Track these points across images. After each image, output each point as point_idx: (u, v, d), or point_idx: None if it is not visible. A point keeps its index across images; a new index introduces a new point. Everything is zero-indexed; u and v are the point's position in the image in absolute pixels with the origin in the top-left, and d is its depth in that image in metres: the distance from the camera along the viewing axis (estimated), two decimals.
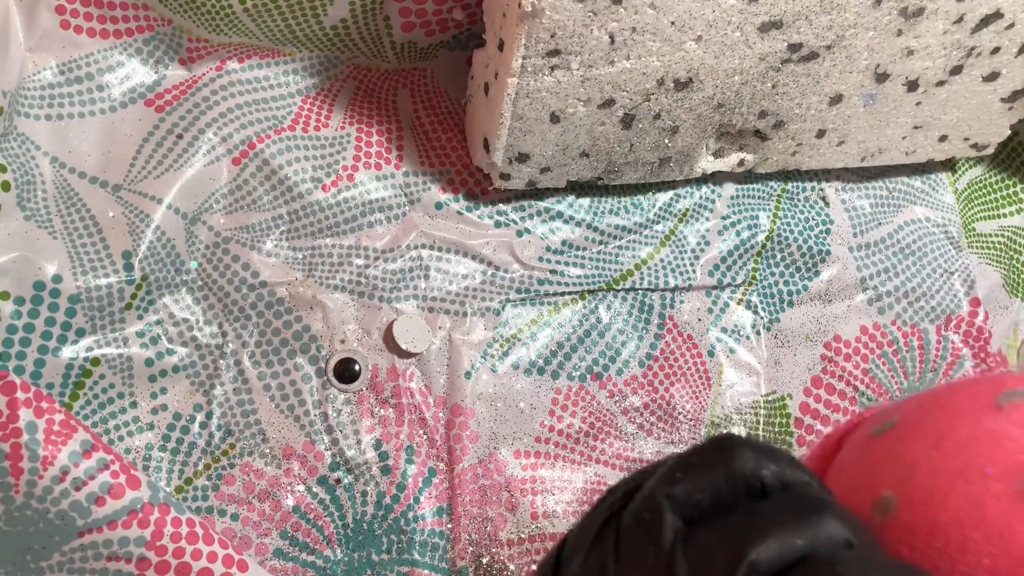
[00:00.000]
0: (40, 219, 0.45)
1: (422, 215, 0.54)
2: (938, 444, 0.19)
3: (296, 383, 0.49)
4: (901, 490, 0.20)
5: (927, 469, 0.19)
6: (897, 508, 0.19)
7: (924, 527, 0.18)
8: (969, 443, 0.19)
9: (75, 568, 0.35)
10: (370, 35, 0.53)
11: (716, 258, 0.59)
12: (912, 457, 0.20)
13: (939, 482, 0.19)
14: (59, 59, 0.48)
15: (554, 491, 0.51)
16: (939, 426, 0.20)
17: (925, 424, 0.21)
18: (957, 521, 0.18)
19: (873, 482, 0.21)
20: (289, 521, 0.46)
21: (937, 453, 0.19)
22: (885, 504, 0.20)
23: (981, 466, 0.19)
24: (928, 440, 0.20)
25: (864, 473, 0.21)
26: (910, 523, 0.19)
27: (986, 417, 0.20)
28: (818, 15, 0.45)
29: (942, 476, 0.19)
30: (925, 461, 0.19)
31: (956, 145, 0.60)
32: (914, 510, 0.19)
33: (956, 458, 0.19)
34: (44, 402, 0.35)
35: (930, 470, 0.19)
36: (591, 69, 0.44)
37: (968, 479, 0.18)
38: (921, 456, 0.20)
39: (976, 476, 0.18)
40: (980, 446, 0.19)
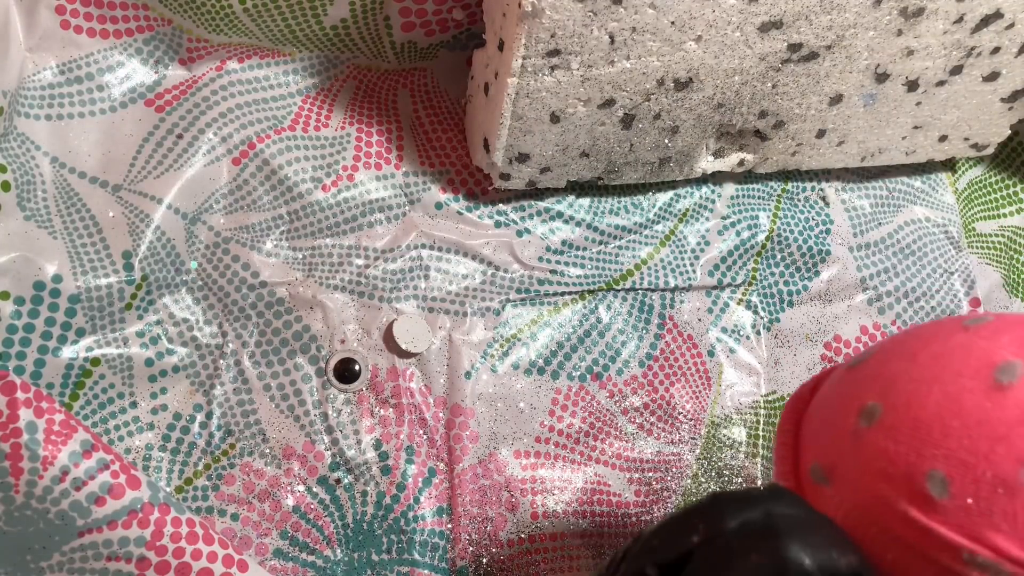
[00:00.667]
0: (40, 219, 0.45)
1: (422, 215, 0.54)
2: (914, 358, 0.22)
3: (296, 383, 0.49)
4: (884, 398, 0.21)
5: (906, 378, 0.21)
6: (882, 413, 0.21)
7: (907, 424, 0.20)
8: (942, 355, 0.21)
9: (75, 568, 0.35)
10: (370, 35, 0.53)
11: (716, 258, 0.59)
12: (891, 372, 0.22)
13: (918, 387, 0.21)
14: (59, 59, 0.48)
15: (554, 491, 0.51)
16: (913, 347, 0.22)
17: (899, 349, 0.23)
18: (938, 415, 0.20)
19: (857, 397, 0.22)
20: (289, 521, 0.46)
21: (914, 365, 0.21)
22: (870, 411, 0.21)
23: (955, 370, 0.21)
24: (905, 357, 0.22)
25: (847, 394, 0.23)
26: (894, 423, 0.21)
27: (955, 336, 0.22)
28: (818, 15, 0.45)
29: (921, 382, 0.21)
30: (904, 373, 0.22)
31: (956, 145, 0.60)
32: (897, 412, 0.21)
33: (932, 367, 0.21)
34: (44, 402, 0.35)
35: (909, 379, 0.21)
36: (591, 69, 0.44)
37: (944, 381, 0.20)
38: (900, 370, 0.22)
39: (951, 377, 0.20)
40: (953, 355, 0.21)
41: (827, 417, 0.23)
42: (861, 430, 0.21)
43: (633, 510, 0.52)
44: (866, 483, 0.20)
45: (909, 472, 0.19)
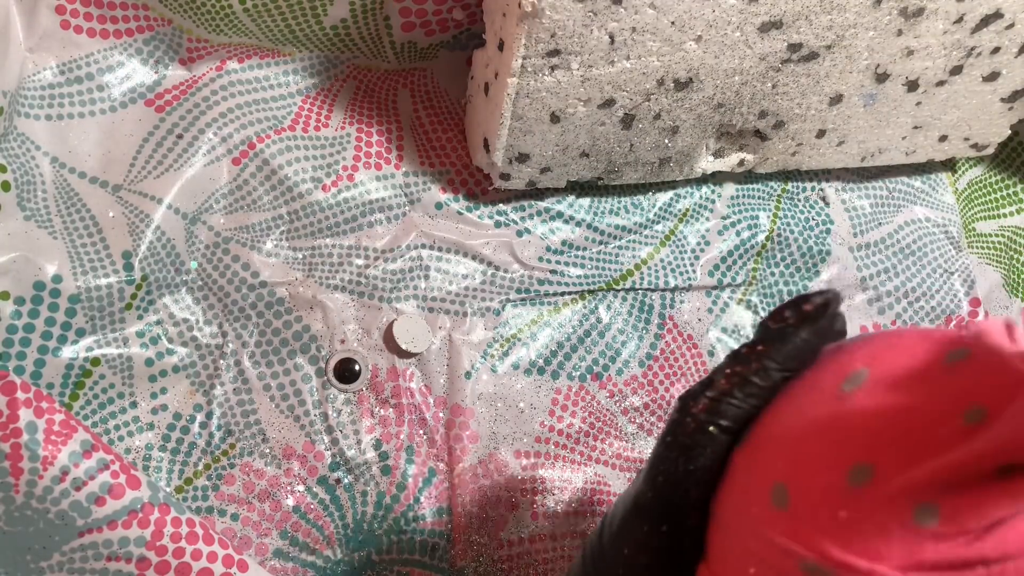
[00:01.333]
0: (40, 219, 0.45)
1: (422, 215, 0.54)
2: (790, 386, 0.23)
3: (296, 383, 0.49)
4: (755, 422, 0.23)
5: (774, 401, 0.23)
6: (749, 434, 0.22)
7: (763, 441, 0.21)
8: (809, 375, 0.22)
9: (75, 568, 0.35)
10: (370, 35, 0.53)
11: (716, 258, 0.59)
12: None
13: (778, 404, 0.22)
14: (59, 59, 0.48)
15: (554, 491, 0.51)
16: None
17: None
18: (788, 428, 0.20)
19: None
20: (289, 521, 0.46)
21: (787, 389, 0.22)
22: (744, 436, 0.23)
23: (810, 384, 0.22)
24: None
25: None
26: (755, 443, 0.22)
27: (827, 352, 0.23)
28: (818, 15, 0.45)
29: (781, 399, 0.22)
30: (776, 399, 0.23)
31: (956, 145, 0.60)
32: (759, 430, 0.22)
33: (795, 386, 0.22)
34: (44, 402, 0.35)
35: (776, 400, 0.23)
36: (591, 69, 0.44)
37: (799, 396, 0.21)
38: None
39: (805, 391, 0.22)
40: (814, 372, 0.22)
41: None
42: (733, 452, 0.22)
43: None
44: (733, 500, 0.21)
45: (760, 485, 0.20)
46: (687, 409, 0.23)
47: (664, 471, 0.23)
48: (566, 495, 0.51)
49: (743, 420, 0.22)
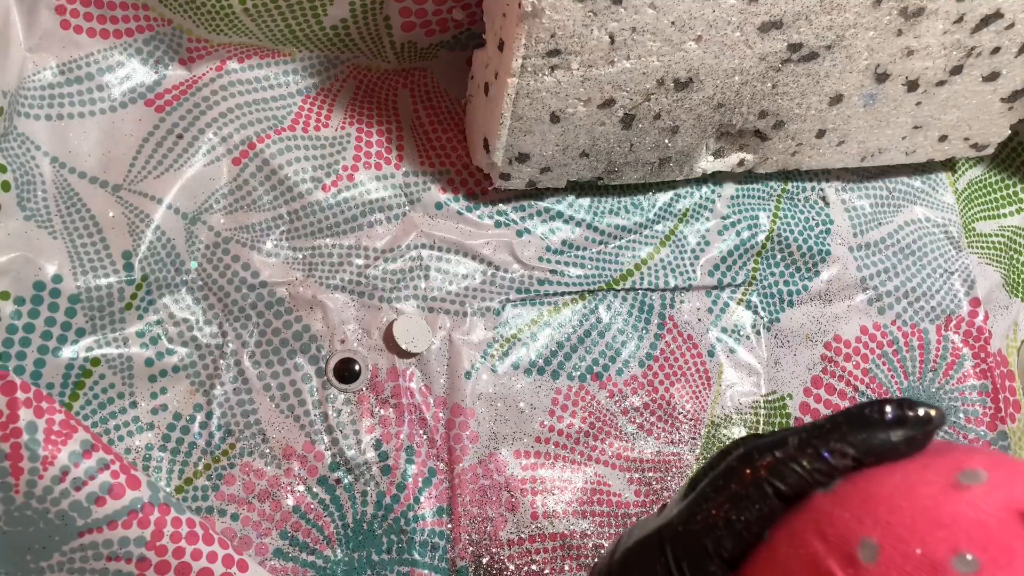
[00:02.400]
0: (40, 219, 0.45)
1: (422, 215, 0.54)
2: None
3: (296, 383, 0.49)
4: (847, 474, 0.22)
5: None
6: (838, 484, 0.22)
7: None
8: (916, 458, 0.22)
9: (75, 568, 0.35)
10: (370, 35, 0.53)
11: (716, 258, 0.59)
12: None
13: (881, 470, 0.22)
14: (59, 59, 0.48)
15: (554, 491, 0.51)
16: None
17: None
18: (890, 494, 0.20)
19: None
20: (289, 521, 0.46)
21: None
22: (831, 483, 0.22)
23: (921, 464, 0.21)
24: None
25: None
26: (846, 493, 0.21)
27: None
28: (818, 15, 0.45)
29: (885, 468, 0.22)
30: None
31: (956, 145, 0.60)
32: (854, 485, 0.21)
33: (902, 463, 0.22)
34: (44, 402, 0.35)
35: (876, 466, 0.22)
36: (591, 69, 0.44)
37: (908, 470, 0.21)
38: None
39: (916, 469, 0.21)
40: (924, 456, 0.22)
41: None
42: (816, 495, 0.22)
43: (633, 510, 0.52)
44: (801, 537, 0.21)
45: (845, 535, 0.20)
46: (751, 461, 0.22)
47: (704, 512, 0.23)
48: (566, 495, 0.51)
49: (800, 490, 0.22)
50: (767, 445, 0.22)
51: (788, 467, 0.22)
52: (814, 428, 0.22)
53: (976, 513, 0.19)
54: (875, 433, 0.22)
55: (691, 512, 0.23)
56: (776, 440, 0.23)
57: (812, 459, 0.22)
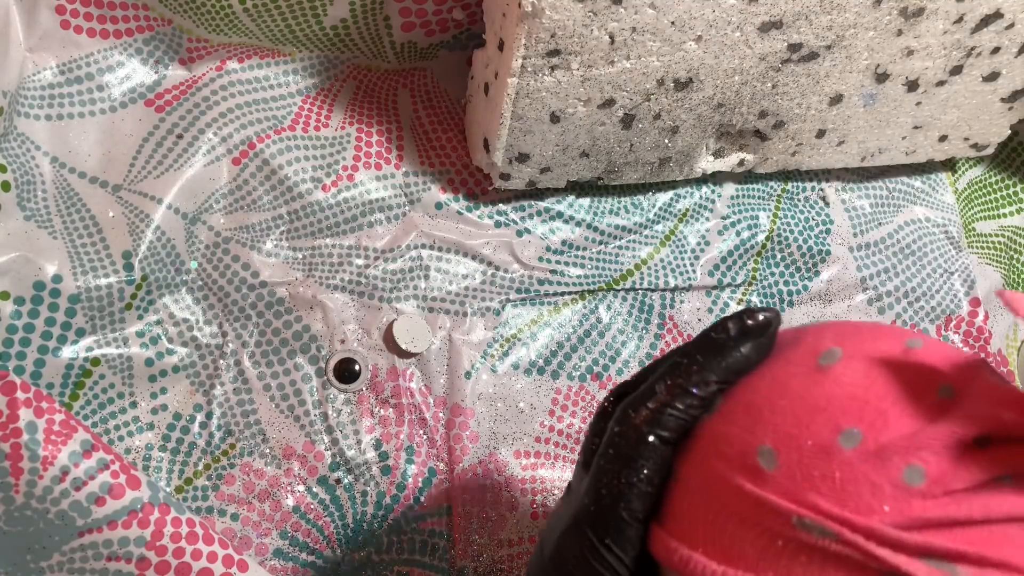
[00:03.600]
0: (40, 219, 0.45)
1: (422, 215, 0.54)
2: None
3: (296, 383, 0.49)
4: (725, 392, 0.23)
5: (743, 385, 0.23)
6: (720, 402, 0.23)
7: (741, 407, 0.22)
8: (775, 352, 0.24)
9: (75, 568, 0.35)
10: (370, 35, 0.53)
11: (716, 258, 0.59)
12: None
13: (751, 376, 0.23)
14: (59, 59, 0.48)
15: (554, 491, 0.51)
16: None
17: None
18: (767, 396, 0.21)
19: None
20: (289, 521, 0.46)
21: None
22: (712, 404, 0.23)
23: (784, 358, 0.23)
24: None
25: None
26: (730, 408, 0.22)
27: (787, 334, 0.25)
28: (818, 15, 0.45)
29: (754, 373, 0.23)
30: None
31: (956, 145, 0.60)
32: (733, 398, 0.23)
33: (766, 362, 0.24)
34: (44, 402, 0.35)
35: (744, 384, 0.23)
36: (591, 69, 0.44)
37: (774, 368, 0.22)
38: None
39: (780, 365, 0.22)
40: (783, 350, 0.23)
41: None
42: (704, 420, 0.23)
43: None
44: (705, 465, 0.22)
45: (743, 449, 0.21)
46: (628, 420, 0.23)
47: (607, 484, 0.23)
48: None
49: (682, 430, 0.23)
50: (638, 399, 0.23)
51: (665, 414, 0.22)
52: (673, 368, 0.23)
53: (843, 388, 0.21)
54: (729, 353, 0.23)
55: (595, 489, 0.23)
56: (644, 392, 0.23)
57: (683, 399, 0.23)
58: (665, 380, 0.23)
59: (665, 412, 0.22)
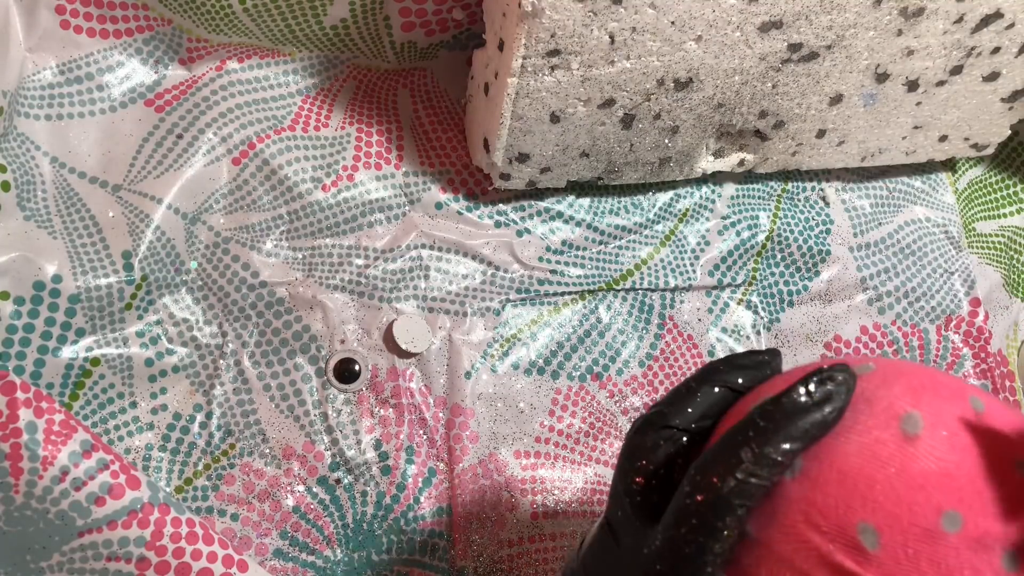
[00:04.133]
0: (40, 219, 0.45)
1: (422, 215, 0.54)
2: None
3: (296, 383, 0.49)
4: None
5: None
6: (803, 465, 0.22)
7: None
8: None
9: (75, 568, 0.35)
10: (370, 35, 0.53)
11: (716, 258, 0.59)
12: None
13: (833, 438, 0.22)
14: (59, 59, 0.48)
15: (554, 491, 0.51)
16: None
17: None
18: (860, 467, 0.21)
19: None
20: (289, 521, 0.46)
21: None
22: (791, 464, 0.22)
23: (863, 421, 0.22)
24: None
25: None
26: (818, 476, 0.21)
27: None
28: (818, 15, 0.45)
29: (834, 434, 0.22)
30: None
31: (956, 145, 0.60)
32: (819, 463, 0.22)
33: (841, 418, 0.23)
34: (44, 402, 0.35)
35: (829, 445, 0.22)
36: (591, 69, 0.44)
37: (857, 432, 0.22)
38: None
39: (863, 429, 0.21)
40: (856, 406, 0.22)
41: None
42: (784, 481, 0.22)
43: None
44: (795, 533, 0.21)
45: (840, 524, 0.20)
46: (713, 489, 0.22)
47: (686, 553, 0.22)
48: (566, 495, 0.51)
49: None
50: (719, 463, 0.22)
51: (750, 484, 0.21)
52: (758, 433, 0.22)
53: (937, 464, 0.20)
54: (809, 416, 0.22)
55: (673, 553, 0.23)
56: (725, 455, 0.22)
57: (769, 468, 0.21)
58: (751, 447, 0.22)
59: (751, 483, 0.21)
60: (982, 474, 0.20)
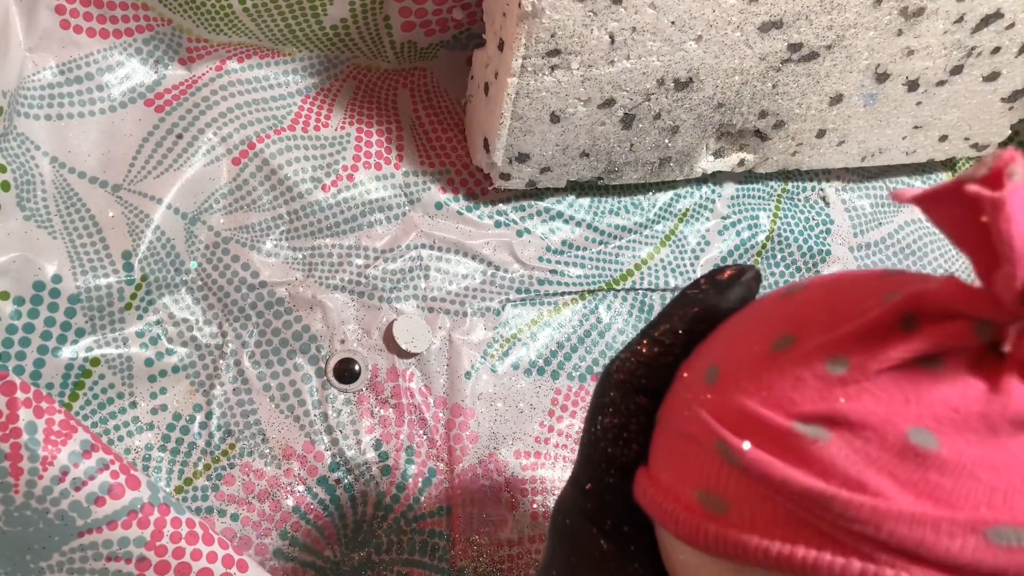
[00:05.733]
0: (40, 219, 0.45)
1: (422, 215, 0.54)
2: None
3: (296, 383, 0.49)
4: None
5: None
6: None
7: (705, 342, 0.23)
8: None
9: (75, 568, 0.35)
10: (370, 35, 0.53)
11: (716, 258, 0.59)
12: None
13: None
14: (59, 59, 0.48)
15: (554, 491, 0.51)
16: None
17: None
18: (726, 324, 0.22)
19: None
20: (289, 521, 0.46)
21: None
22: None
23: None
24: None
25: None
26: (697, 349, 0.23)
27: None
28: (818, 15, 0.45)
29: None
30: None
31: (956, 145, 0.60)
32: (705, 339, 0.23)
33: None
34: (44, 402, 0.35)
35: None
36: (591, 69, 0.44)
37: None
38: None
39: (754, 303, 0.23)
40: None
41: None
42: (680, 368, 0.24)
43: None
44: (670, 398, 0.23)
45: (697, 374, 0.21)
46: (604, 370, 0.25)
47: (585, 432, 0.24)
48: None
49: (652, 377, 0.24)
50: (617, 355, 0.25)
51: (632, 361, 0.24)
52: (648, 323, 0.25)
53: (793, 306, 0.20)
54: (697, 303, 0.23)
55: (581, 441, 0.24)
56: (624, 347, 0.25)
57: (650, 346, 0.24)
58: (640, 333, 0.24)
59: (632, 360, 0.24)
60: (842, 303, 0.19)
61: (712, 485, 0.19)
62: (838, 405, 0.17)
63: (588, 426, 0.24)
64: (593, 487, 0.24)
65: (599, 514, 0.23)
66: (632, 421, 0.23)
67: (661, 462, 0.22)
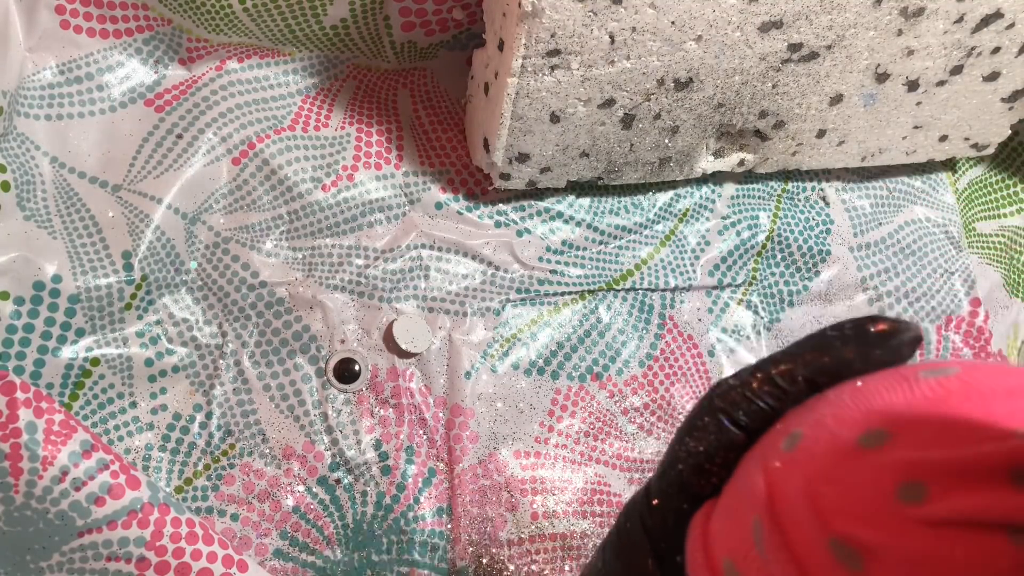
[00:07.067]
0: (40, 219, 0.45)
1: (422, 215, 0.54)
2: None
3: (296, 383, 0.49)
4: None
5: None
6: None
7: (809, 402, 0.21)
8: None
9: (75, 568, 0.35)
10: (370, 35, 0.53)
11: (716, 258, 0.59)
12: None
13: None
14: (59, 59, 0.48)
15: (554, 491, 0.51)
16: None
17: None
18: (835, 390, 0.20)
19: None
20: (289, 521, 0.46)
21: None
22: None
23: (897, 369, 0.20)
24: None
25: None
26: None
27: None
28: (818, 15, 0.45)
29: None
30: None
31: (956, 145, 0.60)
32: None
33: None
34: (44, 402, 0.35)
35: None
36: (591, 69, 0.44)
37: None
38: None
39: (884, 372, 0.20)
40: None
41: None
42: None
43: None
44: (750, 452, 0.21)
45: (779, 431, 0.20)
46: (708, 395, 0.22)
47: (669, 449, 0.23)
48: (566, 495, 0.51)
49: (756, 417, 0.21)
50: (726, 379, 0.22)
51: (738, 392, 0.21)
52: (770, 356, 0.22)
53: (892, 397, 0.18)
54: (830, 353, 0.20)
55: (664, 457, 0.23)
56: (736, 374, 0.22)
57: (763, 384, 0.21)
58: (757, 365, 0.22)
59: (740, 392, 0.21)
60: (938, 415, 0.17)
61: (738, 559, 0.18)
62: (884, 539, 0.15)
63: (675, 442, 0.22)
64: (660, 504, 0.22)
65: (657, 533, 0.22)
66: (719, 454, 0.21)
67: (721, 507, 0.20)
